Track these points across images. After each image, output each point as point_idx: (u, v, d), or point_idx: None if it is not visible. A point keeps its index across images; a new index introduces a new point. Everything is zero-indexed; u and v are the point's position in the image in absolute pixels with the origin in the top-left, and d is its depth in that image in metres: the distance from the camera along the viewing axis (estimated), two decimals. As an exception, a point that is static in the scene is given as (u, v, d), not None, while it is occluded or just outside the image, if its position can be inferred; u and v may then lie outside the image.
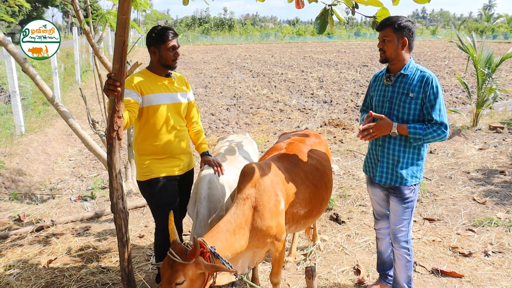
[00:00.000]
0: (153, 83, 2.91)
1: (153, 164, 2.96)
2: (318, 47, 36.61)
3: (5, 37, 4.33)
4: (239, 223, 2.58)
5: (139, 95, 2.82)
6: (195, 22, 62.41)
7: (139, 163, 3.01)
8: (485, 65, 7.96)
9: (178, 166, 3.05)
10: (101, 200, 5.28)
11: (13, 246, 4.00)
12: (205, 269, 2.27)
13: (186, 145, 3.09)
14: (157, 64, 2.93)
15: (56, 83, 10.74)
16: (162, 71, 2.97)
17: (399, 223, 2.89)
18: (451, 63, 20.72)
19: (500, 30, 51.23)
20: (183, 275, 2.24)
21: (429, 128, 2.64)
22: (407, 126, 2.67)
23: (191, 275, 2.27)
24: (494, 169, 6.04)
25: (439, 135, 2.63)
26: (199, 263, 2.26)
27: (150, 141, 2.93)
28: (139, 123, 2.94)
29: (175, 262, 2.25)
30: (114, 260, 3.76)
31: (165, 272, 2.28)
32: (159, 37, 2.85)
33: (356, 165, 6.44)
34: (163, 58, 2.88)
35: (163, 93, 2.92)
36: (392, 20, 2.66)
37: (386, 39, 2.69)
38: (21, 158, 6.39)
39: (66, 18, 61.86)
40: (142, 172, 2.99)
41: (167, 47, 2.85)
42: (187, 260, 2.24)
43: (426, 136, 2.64)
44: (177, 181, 3.07)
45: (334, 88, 14.03)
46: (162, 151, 2.95)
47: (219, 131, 8.82)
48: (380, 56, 2.78)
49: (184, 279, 2.25)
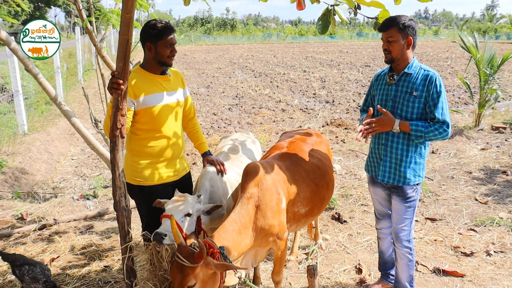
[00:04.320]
0: (148, 83, 2.77)
1: (148, 170, 2.83)
2: (320, 47, 36.58)
3: (9, 36, 4.35)
4: (244, 222, 2.58)
5: (132, 100, 2.69)
6: (197, 22, 62.38)
7: (131, 164, 2.85)
8: (487, 65, 7.95)
9: (173, 172, 2.94)
10: (103, 199, 5.31)
11: (16, 244, 4.02)
12: (216, 268, 2.26)
13: (182, 148, 2.99)
14: (152, 61, 2.77)
15: (58, 83, 10.77)
16: (157, 69, 2.81)
17: (401, 223, 2.89)
18: (454, 63, 20.68)
19: (503, 31, 51.04)
20: (193, 278, 2.24)
21: (431, 126, 2.64)
22: (409, 123, 2.67)
23: (202, 277, 2.26)
24: (496, 169, 6.04)
25: (441, 133, 2.63)
26: (208, 263, 2.24)
27: (146, 143, 2.81)
28: (135, 124, 2.81)
29: (184, 266, 2.24)
30: (116, 258, 3.78)
31: (175, 277, 2.27)
32: (156, 32, 2.68)
33: (358, 165, 6.44)
34: (159, 54, 2.72)
35: (159, 93, 2.78)
36: (396, 21, 2.65)
37: (391, 40, 2.68)
38: (23, 157, 6.42)
39: (68, 18, 61.98)
40: (135, 175, 2.85)
41: (164, 43, 2.69)
42: (196, 263, 2.22)
43: (427, 134, 2.64)
44: (171, 187, 2.92)
45: (336, 88, 14.03)
46: (158, 154, 2.83)
47: (221, 130, 8.83)
48: (386, 57, 2.77)
49: (195, 281, 2.25)
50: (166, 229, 2.48)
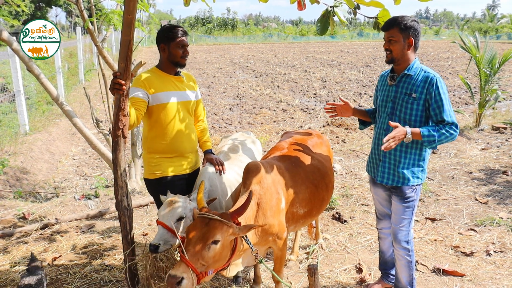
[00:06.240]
0: (163, 81, 2.93)
1: (163, 162, 2.98)
2: (321, 47, 36.59)
3: (10, 37, 4.37)
4: (248, 216, 2.60)
5: (147, 94, 2.84)
6: (198, 22, 62.44)
7: (148, 161, 3.03)
8: (488, 65, 7.95)
9: (187, 165, 3.08)
10: (105, 198, 5.33)
11: (18, 244, 4.04)
12: (239, 231, 2.26)
13: (194, 143, 3.13)
14: (166, 62, 2.95)
15: (60, 83, 10.80)
16: (171, 69, 2.98)
17: (400, 223, 2.90)
18: (454, 64, 20.68)
19: (504, 31, 50.97)
20: (220, 234, 2.19)
21: (441, 129, 2.60)
22: (420, 130, 2.60)
23: (225, 239, 2.23)
24: (497, 169, 6.05)
25: (452, 134, 2.60)
26: (232, 226, 2.24)
27: (159, 139, 2.95)
28: (149, 121, 2.96)
29: (212, 220, 2.19)
30: (118, 258, 3.79)
31: (196, 231, 2.20)
32: (168, 34, 2.88)
33: (358, 165, 6.46)
34: (172, 55, 2.90)
35: (172, 91, 2.94)
36: (399, 21, 2.65)
37: (392, 40, 2.68)
38: (25, 157, 6.44)
39: (69, 17, 62.06)
40: (151, 170, 3.01)
41: (176, 44, 2.88)
42: (229, 220, 2.21)
43: (440, 138, 2.59)
44: (185, 180, 3.09)
45: (337, 88, 14.04)
46: (172, 149, 2.97)
47: (222, 130, 8.85)
48: (387, 57, 2.77)
49: (220, 238, 2.20)
50: (159, 238, 2.56)
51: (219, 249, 2.22)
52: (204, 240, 2.17)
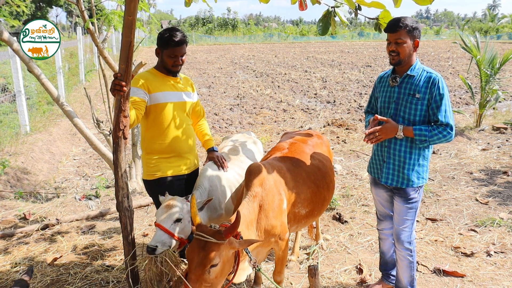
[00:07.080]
0: (160, 81, 2.96)
1: (161, 163, 2.99)
2: (322, 47, 36.58)
3: (11, 37, 4.37)
4: (251, 219, 2.60)
5: (146, 93, 2.86)
6: (198, 22, 62.44)
7: (146, 162, 3.04)
8: (488, 65, 7.94)
9: (185, 165, 3.08)
10: (105, 199, 5.33)
11: (19, 244, 4.04)
12: (239, 245, 2.23)
13: (192, 144, 3.13)
14: (161, 66, 3.00)
15: (60, 83, 10.80)
16: (167, 71, 3.02)
17: (403, 224, 2.90)
18: (455, 64, 20.67)
19: (505, 30, 50.96)
20: (218, 256, 2.16)
21: (434, 129, 2.63)
22: (413, 128, 2.67)
23: (224, 256, 2.20)
24: (497, 170, 6.05)
25: (445, 136, 2.63)
26: (231, 242, 2.21)
27: (157, 140, 2.97)
28: (147, 121, 2.97)
29: (208, 243, 2.15)
30: (118, 258, 3.79)
31: (194, 256, 2.17)
32: (163, 41, 2.89)
33: (359, 165, 6.46)
34: (164, 61, 2.95)
35: (169, 91, 2.96)
36: (405, 23, 2.64)
37: (400, 42, 2.66)
38: (26, 157, 6.45)
39: (70, 18, 62.12)
40: (150, 170, 3.02)
41: (168, 53, 2.89)
42: (222, 239, 2.16)
43: (431, 138, 2.64)
44: (184, 180, 3.10)
45: (338, 88, 14.03)
46: (169, 149, 2.99)
47: (222, 131, 8.85)
48: (393, 59, 2.73)
49: (219, 260, 2.17)
50: (156, 240, 2.58)
51: (219, 269, 2.20)
52: (203, 265, 2.14)
